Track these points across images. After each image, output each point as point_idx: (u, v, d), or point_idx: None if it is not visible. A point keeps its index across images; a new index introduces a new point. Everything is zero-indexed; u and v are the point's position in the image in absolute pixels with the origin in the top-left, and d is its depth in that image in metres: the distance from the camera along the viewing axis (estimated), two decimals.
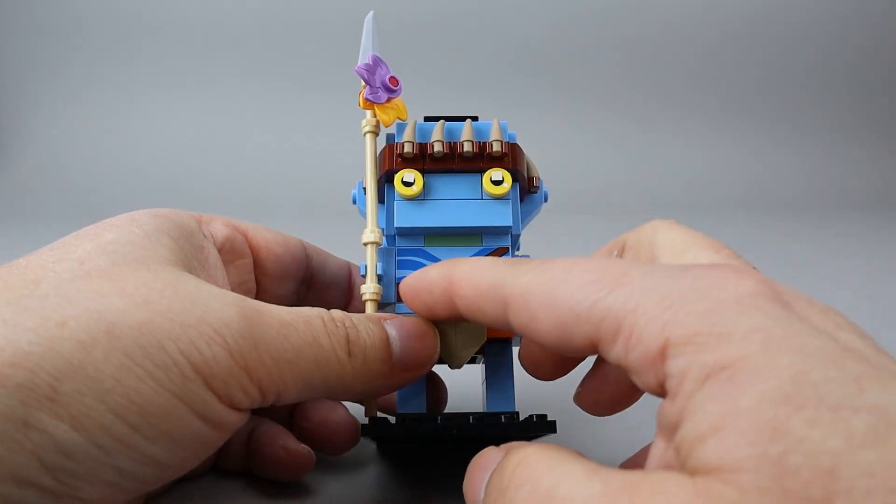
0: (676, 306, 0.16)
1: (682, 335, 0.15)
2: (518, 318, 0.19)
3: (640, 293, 0.17)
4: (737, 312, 0.15)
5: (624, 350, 0.17)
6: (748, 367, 0.14)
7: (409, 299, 0.23)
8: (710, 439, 0.14)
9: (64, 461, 0.18)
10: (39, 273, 0.20)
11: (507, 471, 0.17)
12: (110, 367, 0.18)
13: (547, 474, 0.16)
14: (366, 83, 0.27)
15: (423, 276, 0.22)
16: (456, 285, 0.21)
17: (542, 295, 0.18)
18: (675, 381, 0.15)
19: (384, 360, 0.23)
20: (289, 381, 0.21)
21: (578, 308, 0.17)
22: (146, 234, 0.22)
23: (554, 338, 0.18)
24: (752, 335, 0.15)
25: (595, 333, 0.17)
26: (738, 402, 0.14)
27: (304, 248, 0.30)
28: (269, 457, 0.27)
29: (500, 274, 0.20)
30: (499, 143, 0.26)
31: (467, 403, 0.32)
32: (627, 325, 0.16)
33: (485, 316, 0.21)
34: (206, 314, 0.20)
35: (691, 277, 0.17)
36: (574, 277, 0.18)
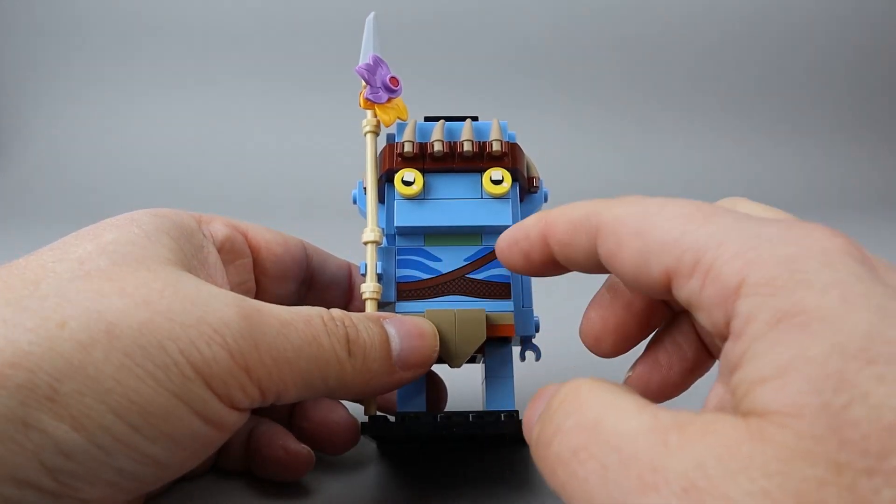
0: (761, 248, 0.16)
1: (761, 276, 0.15)
2: (606, 247, 0.19)
3: (727, 231, 0.17)
4: (820, 263, 0.15)
5: (699, 284, 0.17)
6: (822, 317, 0.14)
7: (506, 249, 0.23)
8: (772, 382, 0.14)
9: (64, 462, 0.18)
10: (39, 273, 0.20)
11: (558, 398, 0.17)
12: (110, 368, 0.18)
13: (596, 404, 0.16)
14: (366, 83, 0.27)
15: (521, 224, 0.23)
16: (551, 222, 0.21)
17: (633, 223, 0.19)
18: (742, 322, 0.15)
19: (384, 359, 0.23)
20: (289, 381, 0.21)
21: (665, 237, 0.18)
22: (146, 234, 0.22)
23: (633, 267, 0.18)
24: (832, 288, 0.15)
25: (675, 265, 0.17)
26: (808, 350, 0.14)
27: (305, 248, 0.30)
28: (268, 457, 0.27)
29: (595, 205, 0.20)
30: (498, 143, 0.26)
31: (467, 402, 0.32)
32: (708, 258, 0.16)
33: (576, 250, 0.21)
34: (206, 314, 0.20)
35: (781, 226, 0.17)
36: (667, 210, 0.18)
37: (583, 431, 0.16)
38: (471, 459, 0.29)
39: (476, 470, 0.29)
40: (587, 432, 0.16)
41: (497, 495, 0.27)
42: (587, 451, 0.15)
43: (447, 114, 0.28)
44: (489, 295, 0.26)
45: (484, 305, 0.26)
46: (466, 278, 0.27)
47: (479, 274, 0.27)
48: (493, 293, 0.26)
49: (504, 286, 0.26)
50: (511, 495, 0.27)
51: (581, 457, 0.15)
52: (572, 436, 0.16)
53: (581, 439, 0.16)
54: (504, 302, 0.26)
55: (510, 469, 0.29)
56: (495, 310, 0.26)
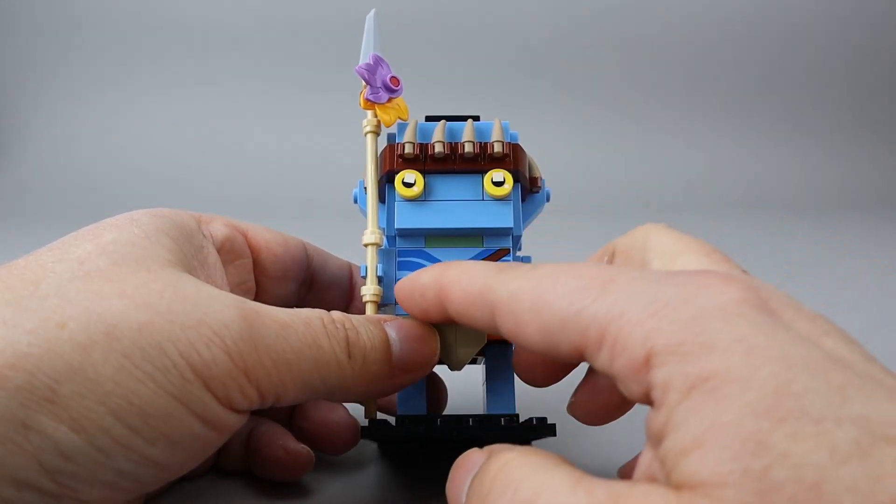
0: (661, 314, 0.16)
1: (666, 344, 0.15)
2: (505, 324, 0.19)
3: (625, 300, 0.17)
4: (720, 321, 0.15)
5: (609, 358, 0.16)
6: (730, 379, 0.14)
7: (403, 302, 0.23)
8: (693, 453, 0.14)
9: (63, 463, 0.18)
10: (39, 274, 0.20)
11: (489, 476, 0.17)
12: (110, 369, 0.18)
13: (529, 482, 0.16)
14: (366, 83, 0.27)
15: (416, 280, 0.22)
16: (446, 290, 0.21)
17: (529, 301, 0.18)
18: (659, 392, 0.15)
19: (384, 361, 0.23)
20: (288, 383, 0.21)
21: (564, 314, 0.17)
22: (146, 235, 0.22)
23: (541, 344, 0.18)
24: (735, 345, 0.15)
25: (581, 340, 0.17)
26: (721, 416, 0.14)
27: (305, 248, 0.30)
28: (268, 457, 0.27)
29: (489, 280, 0.20)
30: (500, 144, 0.26)
31: (467, 405, 0.32)
32: (612, 332, 0.16)
33: (474, 321, 0.21)
34: (205, 316, 0.20)
35: (676, 284, 0.17)
36: (560, 284, 0.18)
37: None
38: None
39: None
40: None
41: None
42: None
43: (448, 113, 0.28)
44: None
45: None
46: None
47: None
48: None
49: None
50: None
51: None
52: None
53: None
54: None
55: None
56: None
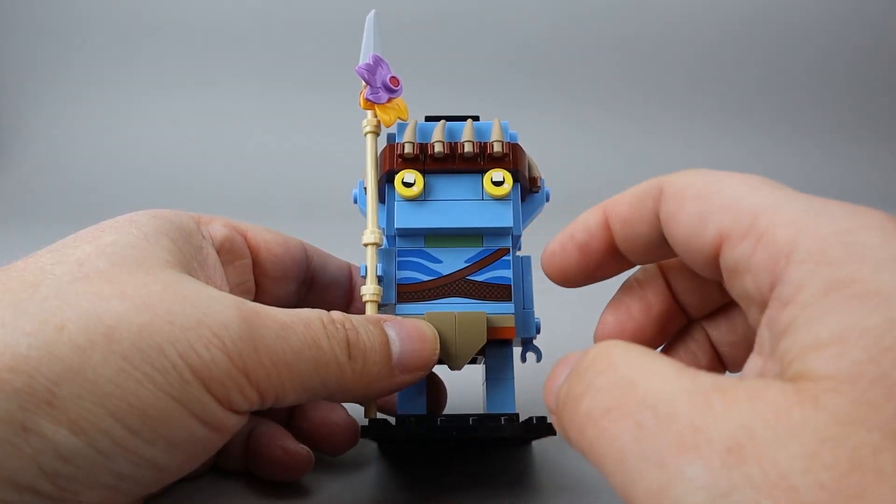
0: (819, 218, 0.16)
1: (815, 245, 0.15)
2: (667, 207, 0.19)
3: (786, 200, 0.17)
4: (878, 238, 0.15)
5: (751, 246, 0.16)
6: (877, 291, 0.14)
7: (558, 249, 0.23)
8: (828, 349, 0.14)
9: (63, 466, 0.18)
10: (38, 275, 0.20)
11: (588, 358, 0.17)
12: (109, 371, 0.18)
13: (630, 365, 0.16)
14: (366, 83, 0.27)
15: (573, 223, 0.23)
16: (613, 201, 0.22)
17: (698, 186, 0.19)
18: (791, 289, 0.15)
19: (384, 362, 0.23)
20: (287, 384, 0.21)
21: (725, 200, 0.18)
22: (145, 236, 0.22)
23: (689, 228, 0.18)
24: (887, 263, 0.14)
25: (729, 226, 0.17)
26: (864, 321, 0.14)
27: (305, 248, 0.30)
28: (268, 457, 0.27)
29: (661, 177, 0.20)
30: (499, 144, 0.26)
31: (467, 404, 0.32)
32: (764, 222, 0.16)
33: (638, 221, 0.21)
34: (205, 317, 0.20)
35: (841, 203, 0.17)
36: (732, 178, 0.18)
37: (615, 390, 0.15)
38: (471, 460, 0.29)
39: (476, 470, 0.29)
40: (620, 391, 0.15)
41: (497, 496, 0.27)
42: (620, 409, 0.15)
43: (448, 113, 0.28)
44: (490, 297, 0.26)
45: (485, 308, 0.26)
46: (467, 280, 0.26)
47: (480, 276, 0.26)
48: (493, 295, 0.26)
49: (505, 288, 0.26)
50: (511, 496, 0.27)
51: (613, 415, 0.15)
52: (604, 394, 0.15)
53: (614, 397, 0.15)
54: (505, 304, 0.26)
55: (510, 470, 0.29)
56: (496, 312, 0.26)
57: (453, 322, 0.25)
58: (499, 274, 0.26)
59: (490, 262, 0.27)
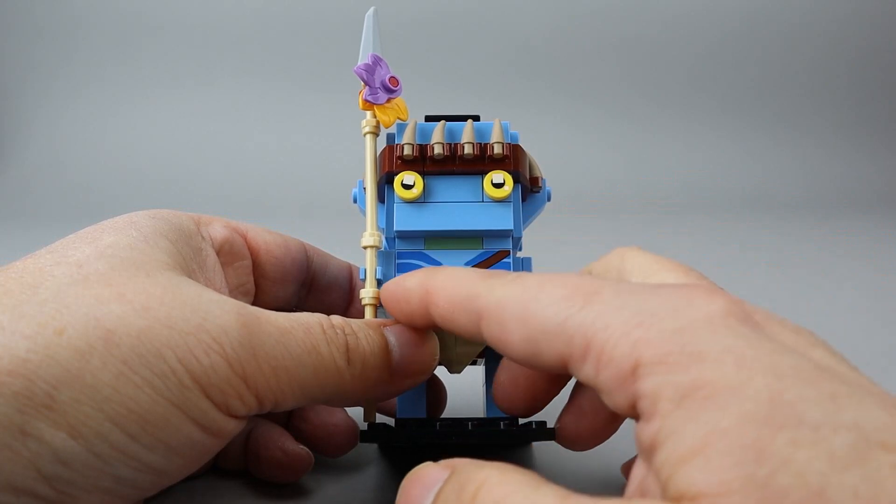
0: (647, 324, 0.16)
1: (654, 354, 0.15)
2: (490, 331, 0.19)
3: (610, 311, 0.16)
4: (708, 332, 0.15)
5: (594, 369, 0.16)
6: (724, 388, 0.14)
7: (388, 306, 0.23)
8: (693, 461, 0.14)
9: (61, 470, 0.18)
10: (38, 277, 0.20)
11: (466, 495, 0.16)
12: (108, 376, 0.18)
13: (514, 500, 0.15)
14: (365, 84, 0.27)
15: (402, 284, 0.22)
16: (432, 296, 0.21)
17: (515, 309, 0.18)
18: (648, 402, 0.15)
19: (383, 367, 0.23)
20: (286, 390, 0.21)
21: (549, 324, 0.17)
22: (145, 238, 0.22)
23: (525, 353, 0.18)
24: (725, 355, 0.15)
25: (565, 350, 0.17)
26: (719, 423, 0.14)
27: (305, 250, 0.30)
28: (267, 458, 0.27)
29: (475, 286, 0.20)
30: (500, 145, 0.26)
31: (467, 405, 0.32)
32: (598, 343, 0.16)
33: (459, 327, 0.20)
34: (204, 321, 0.20)
35: (661, 296, 0.16)
36: (546, 293, 0.18)
37: None
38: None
39: None
40: None
41: None
42: None
43: (448, 113, 0.28)
44: None
45: None
46: None
47: None
48: None
49: None
50: None
51: None
52: None
53: None
54: None
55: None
56: None
57: None
58: None
59: (490, 265, 0.26)
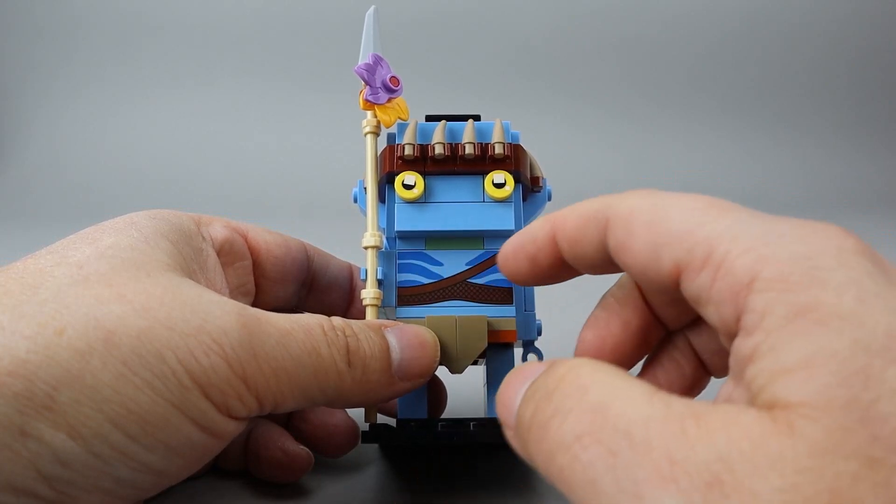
0: (775, 244, 0.15)
1: (775, 272, 0.15)
2: (616, 237, 0.19)
3: (740, 226, 0.16)
4: (835, 261, 0.15)
5: (711, 278, 0.16)
6: (840, 315, 0.14)
7: (510, 255, 0.22)
8: (796, 374, 0.13)
9: (61, 470, 0.18)
10: (38, 278, 0.20)
11: (555, 376, 0.16)
12: (108, 376, 0.18)
13: (601, 387, 0.15)
14: (366, 83, 0.27)
15: (526, 229, 0.22)
16: (561, 218, 0.21)
17: (646, 214, 0.18)
18: (755, 317, 0.15)
19: (384, 369, 0.23)
20: (287, 392, 0.21)
21: (677, 229, 0.17)
22: (145, 239, 0.22)
23: (643, 258, 0.18)
24: (848, 286, 0.14)
25: (685, 258, 0.17)
26: (831, 344, 0.13)
27: (306, 250, 0.30)
28: (267, 458, 0.27)
29: (606, 198, 0.20)
30: (501, 146, 0.26)
31: (468, 406, 0.32)
32: (720, 252, 0.16)
33: (586, 245, 0.20)
34: (205, 322, 0.20)
35: (794, 224, 0.16)
36: (680, 203, 0.18)
37: (587, 414, 0.15)
38: (471, 461, 0.29)
39: (477, 471, 0.29)
40: (592, 415, 0.15)
41: (498, 497, 0.27)
42: (592, 435, 0.14)
43: (448, 112, 0.28)
44: (491, 300, 0.26)
45: (485, 311, 0.26)
46: (468, 283, 0.26)
47: (481, 278, 0.26)
48: (494, 298, 0.26)
49: (506, 291, 0.26)
50: (512, 497, 0.27)
51: (585, 441, 0.14)
52: (574, 418, 0.15)
53: (585, 423, 0.15)
54: (506, 307, 0.26)
55: (511, 471, 0.29)
56: (497, 315, 0.26)
57: (454, 326, 0.25)
58: (500, 277, 0.26)
59: (491, 265, 0.26)
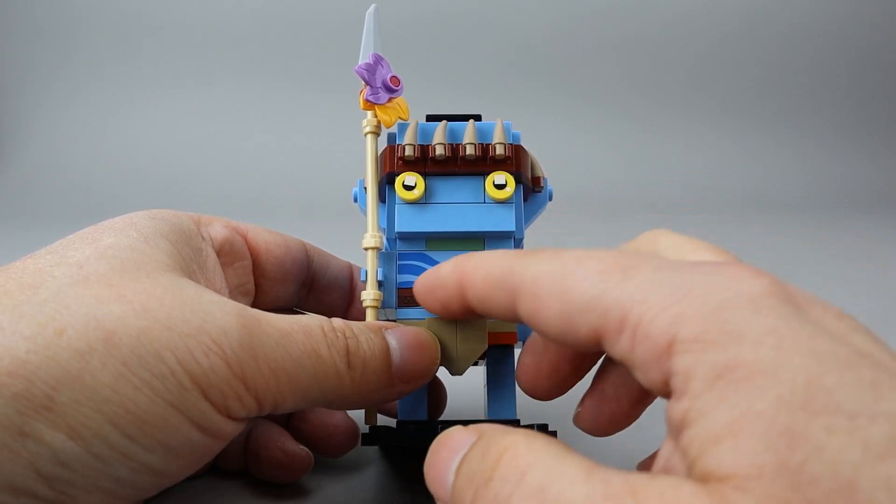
0: (687, 301, 0.15)
1: (692, 331, 0.15)
2: (526, 307, 0.19)
3: (649, 285, 0.16)
4: (749, 311, 0.15)
5: (629, 344, 0.16)
6: (761, 371, 0.14)
7: (423, 296, 0.23)
8: (724, 443, 0.13)
9: (60, 471, 0.18)
10: (38, 278, 0.20)
11: (490, 459, 0.16)
12: (107, 377, 0.18)
13: (539, 468, 0.15)
14: (366, 83, 0.27)
15: (437, 272, 0.22)
16: (468, 276, 0.21)
17: (551, 283, 0.18)
18: (681, 380, 0.15)
19: (384, 371, 0.23)
20: (286, 392, 0.21)
21: (586, 297, 0.17)
22: (145, 239, 0.22)
23: (559, 328, 0.18)
24: (764, 336, 0.14)
25: (600, 324, 0.17)
26: (754, 406, 0.13)
27: (306, 249, 0.30)
28: (267, 458, 0.27)
29: (511, 263, 0.20)
30: (502, 146, 0.26)
31: (468, 406, 0.32)
32: (634, 317, 0.16)
33: (495, 306, 0.20)
34: (205, 323, 0.20)
35: (702, 272, 0.16)
36: (583, 267, 0.17)
37: (527, 500, 0.14)
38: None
39: None
40: (532, 500, 0.14)
41: None
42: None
43: (448, 111, 0.28)
44: None
45: None
46: None
47: None
48: None
49: None
50: None
51: None
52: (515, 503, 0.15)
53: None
54: None
55: None
56: None
57: (454, 329, 0.25)
58: None
59: None
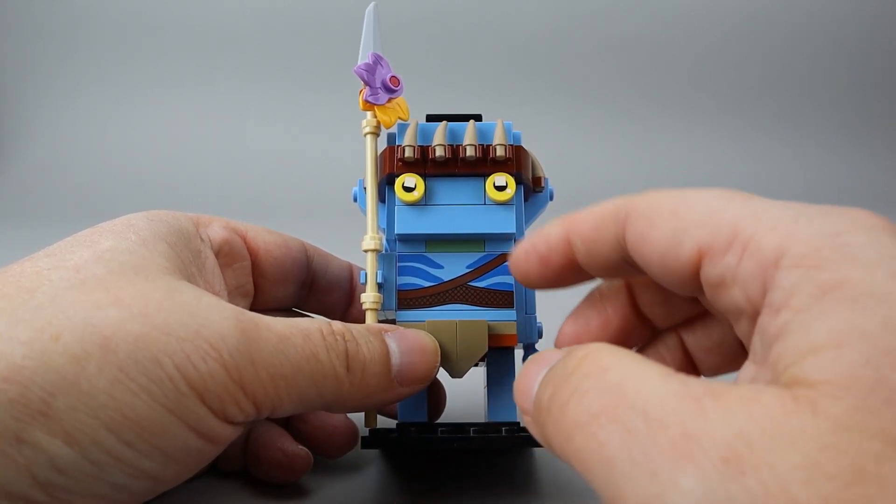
0: (801, 222, 0.15)
1: (803, 249, 0.15)
2: (636, 229, 0.19)
3: (766, 207, 0.16)
4: (864, 238, 0.15)
5: (736, 258, 0.16)
6: (871, 292, 0.14)
7: (521, 256, 0.22)
8: (824, 353, 0.13)
9: (57, 477, 0.18)
10: (35, 281, 0.19)
11: (573, 360, 0.16)
12: (104, 382, 0.18)
13: (619, 368, 0.15)
14: (366, 84, 0.27)
15: (539, 231, 0.22)
16: (576, 217, 0.21)
17: (668, 205, 0.18)
18: (783, 294, 0.15)
19: (383, 374, 0.22)
20: (284, 397, 0.21)
21: (702, 214, 0.17)
22: (143, 242, 0.22)
23: (663, 248, 0.18)
24: (878, 263, 0.14)
25: (709, 240, 0.17)
26: (862, 323, 0.13)
27: (306, 250, 0.30)
28: (266, 458, 0.27)
29: (625, 197, 0.20)
30: (502, 148, 0.26)
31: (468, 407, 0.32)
32: (747, 232, 0.16)
33: (601, 241, 0.20)
34: (202, 327, 0.19)
35: (822, 207, 0.16)
36: (702, 192, 0.18)
37: (604, 394, 0.15)
38: (471, 463, 0.29)
39: (476, 473, 0.29)
40: (609, 395, 0.15)
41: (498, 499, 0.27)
42: (609, 413, 0.14)
43: (448, 112, 0.27)
44: (491, 303, 0.26)
45: (486, 315, 0.26)
46: (468, 286, 0.26)
47: (482, 282, 0.26)
48: (495, 302, 0.26)
49: (507, 295, 0.26)
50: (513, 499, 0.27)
51: (602, 420, 0.14)
52: (592, 398, 0.15)
53: (602, 402, 0.15)
54: (507, 311, 0.26)
55: (511, 473, 0.29)
56: (497, 319, 0.26)
57: (454, 331, 0.25)
58: (501, 280, 0.26)
59: (492, 268, 0.26)
